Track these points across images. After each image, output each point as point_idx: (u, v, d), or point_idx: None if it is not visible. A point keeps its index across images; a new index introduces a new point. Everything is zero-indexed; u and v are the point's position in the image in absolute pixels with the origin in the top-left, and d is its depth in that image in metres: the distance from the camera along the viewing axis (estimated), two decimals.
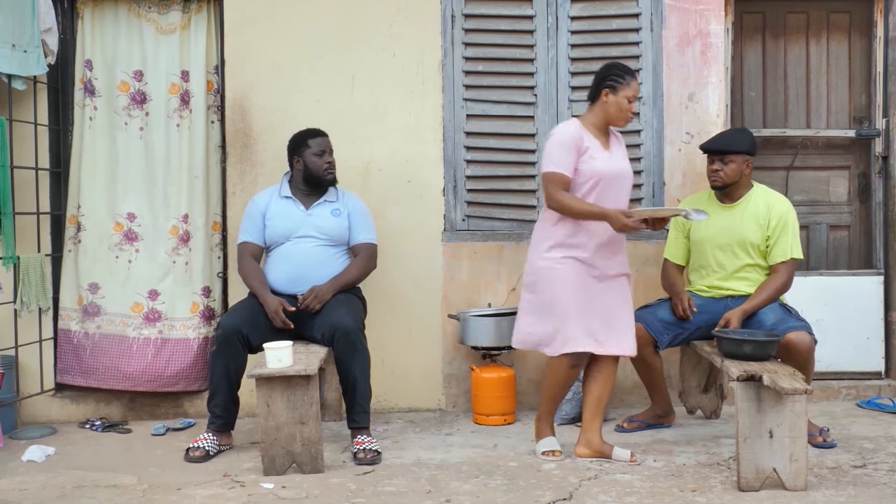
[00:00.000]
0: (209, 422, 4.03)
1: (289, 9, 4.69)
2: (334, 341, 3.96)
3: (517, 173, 4.82)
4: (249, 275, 4.16)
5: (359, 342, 3.96)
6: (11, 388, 4.46)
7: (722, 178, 4.09)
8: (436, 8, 4.72)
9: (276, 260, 4.19)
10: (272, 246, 4.22)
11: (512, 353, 4.66)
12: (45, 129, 4.65)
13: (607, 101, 3.75)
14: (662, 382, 4.29)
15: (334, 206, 4.27)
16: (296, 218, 4.20)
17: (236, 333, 3.92)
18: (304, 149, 4.22)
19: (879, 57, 4.96)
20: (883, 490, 3.44)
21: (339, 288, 4.13)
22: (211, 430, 4.00)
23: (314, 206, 4.24)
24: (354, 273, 4.22)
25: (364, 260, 4.26)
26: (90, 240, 4.64)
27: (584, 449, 3.86)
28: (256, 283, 4.12)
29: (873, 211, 5.03)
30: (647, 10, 4.76)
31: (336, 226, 4.23)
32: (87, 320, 4.62)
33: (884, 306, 4.92)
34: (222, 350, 3.93)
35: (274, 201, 4.24)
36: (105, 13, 4.70)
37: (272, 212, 4.22)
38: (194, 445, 3.94)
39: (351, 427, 4.00)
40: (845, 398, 4.83)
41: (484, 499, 3.40)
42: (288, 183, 4.30)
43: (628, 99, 3.74)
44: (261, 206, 4.25)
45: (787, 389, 3.27)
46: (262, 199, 4.28)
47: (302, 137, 4.25)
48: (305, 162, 4.21)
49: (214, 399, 3.99)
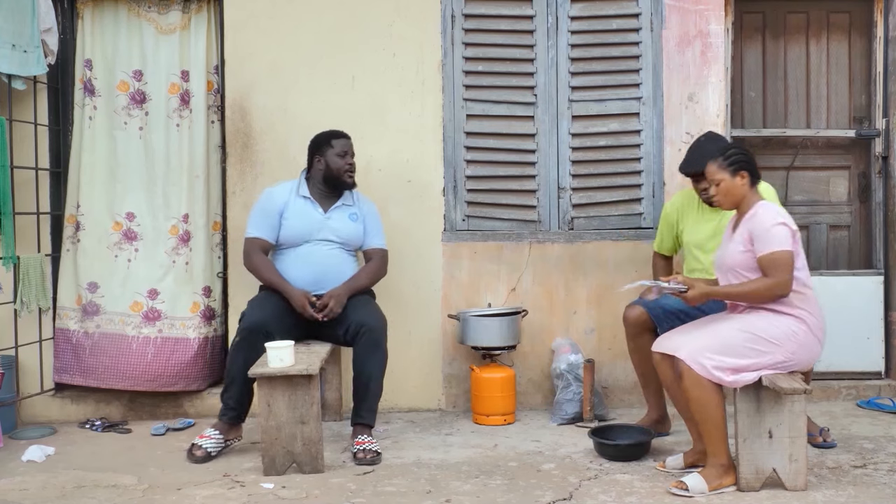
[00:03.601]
0: (221, 413, 4.00)
1: (289, 9, 4.69)
2: (357, 338, 3.98)
3: (517, 173, 4.82)
4: (264, 269, 4.13)
5: (382, 341, 4.01)
6: (11, 388, 4.46)
7: (718, 200, 4.03)
8: (436, 8, 4.72)
9: (293, 261, 4.16)
10: (285, 245, 4.19)
11: (512, 353, 4.66)
12: (45, 129, 4.65)
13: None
14: (658, 379, 4.17)
15: (352, 211, 4.26)
16: (315, 220, 4.17)
17: (262, 328, 3.89)
18: (327, 148, 4.19)
19: (879, 57, 4.96)
20: (883, 490, 3.44)
21: (353, 292, 4.13)
22: (221, 423, 3.97)
23: (332, 209, 4.22)
24: (366, 279, 4.22)
25: (376, 266, 4.28)
26: (89, 239, 4.64)
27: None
28: (275, 277, 4.10)
29: (873, 211, 5.03)
30: (647, 10, 4.76)
31: (353, 231, 4.23)
32: (86, 319, 4.62)
33: (884, 306, 4.93)
34: (244, 344, 3.90)
35: (292, 200, 4.20)
36: (105, 13, 4.70)
37: (290, 211, 4.17)
38: (197, 444, 3.92)
39: (355, 423, 4.00)
40: (845, 398, 4.83)
41: (484, 499, 3.40)
42: (306, 182, 4.26)
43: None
44: (278, 203, 4.19)
45: (786, 389, 3.27)
46: (279, 196, 4.21)
47: (326, 137, 4.23)
48: (327, 161, 4.18)
49: (229, 391, 3.97)
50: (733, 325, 3.48)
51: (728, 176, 3.55)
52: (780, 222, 3.44)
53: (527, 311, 4.67)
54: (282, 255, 4.21)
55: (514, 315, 4.57)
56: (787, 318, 3.46)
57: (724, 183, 3.56)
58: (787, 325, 3.45)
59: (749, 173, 3.56)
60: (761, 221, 3.46)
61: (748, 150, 3.69)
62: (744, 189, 3.55)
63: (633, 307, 4.10)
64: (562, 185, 4.80)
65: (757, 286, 3.45)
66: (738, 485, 3.44)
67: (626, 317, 4.12)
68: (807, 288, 3.53)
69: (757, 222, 3.46)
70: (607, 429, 4.07)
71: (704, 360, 3.37)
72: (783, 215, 3.51)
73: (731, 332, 3.44)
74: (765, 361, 3.41)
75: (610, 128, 4.80)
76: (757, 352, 3.40)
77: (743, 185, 3.55)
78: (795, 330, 3.46)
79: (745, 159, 3.57)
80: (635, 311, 4.07)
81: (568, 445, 4.07)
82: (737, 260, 3.51)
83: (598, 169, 4.82)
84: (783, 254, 3.41)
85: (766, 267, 3.42)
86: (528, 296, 4.77)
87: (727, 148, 3.67)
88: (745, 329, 3.44)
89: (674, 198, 4.39)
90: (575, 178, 4.80)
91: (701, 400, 3.40)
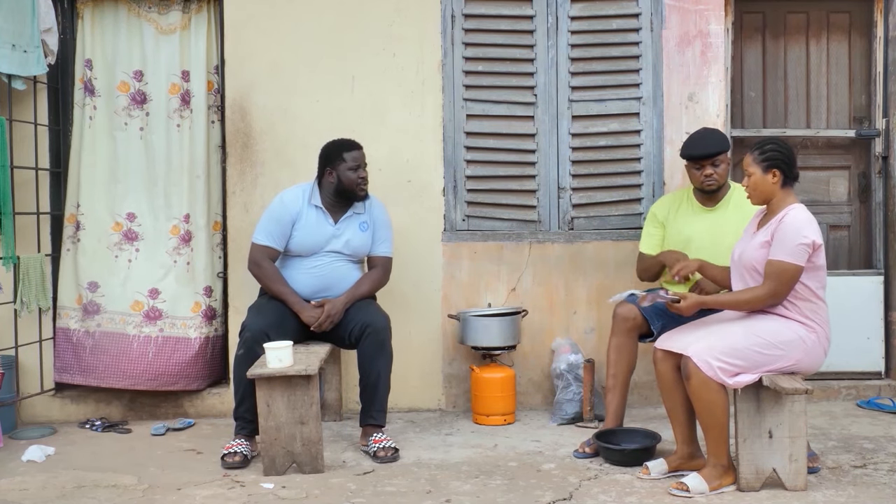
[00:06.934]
0: (239, 428, 3.92)
1: (289, 9, 4.69)
2: (363, 338, 3.97)
3: (517, 173, 4.82)
4: (274, 280, 4.09)
5: (387, 341, 4.01)
6: (11, 388, 4.46)
7: (717, 181, 4.01)
8: (436, 8, 4.72)
9: (298, 270, 4.14)
10: (292, 254, 4.16)
11: (512, 353, 4.66)
12: (45, 129, 4.65)
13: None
14: (624, 384, 4.06)
15: (362, 220, 4.21)
16: (325, 234, 4.13)
17: (263, 337, 3.85)
18: (339, 163, 4.10)
19: (879, 57, 4.96)
20: (883, 490, 3.44)
21: (353, 301, 4.12)
22: (241, 437, 3.90)
23: (343, 219, 4.17)
24: (368, 288, 4.21)
25: (379, 274, 4.26)
26: (89, 239, 4.64)
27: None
28: (286, 290, 4.08)
29: (873, 211, 5.03)
30: (647, 10, 4.76)
31: (362, 241, 4.21)
32: (87, 319, 4.62)
33: (884, 306, 4.93)
34: (249, 355, 3.84)
35: (305, 210, 4.13)
36: (105, 13, 4.69)
37: (302, 222, 4.12)
38: (231, 451, 3.83)
39: (366, 424, 4.00)
40: (845, 398, 4.83)
41: (484, 499, 3.40)
42: (318, 188, 4.19)
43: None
44: (292, 213, 4.12)
45: (787, 389, 3.27)
46: (292, 204, 4.14)
47: (338, 150, 4.13)
48: (339, 175, 4.10)
49: (244, 404, 3.88)
50: (742, 327, 3.44)
51: (759, 171, 3.46)
52: (802, 235, 3.36)
53: (527, 311, 4.67)
54: (288, 262, 4.18)
55: (514, 315, 4.57)
56: (797, 325, 3.44)
57: (754, 177, 3.47)
58: (796, 331, 3.42)
59: (782, 173, 3.45)
60: (786, 228, 3.38)
61: (788, 148, 3.51)
62: (774, 188, 3.45)
63: (624, 303, 3.99)
64: (562, 185, 4.80)
65: (750, 297, 3.42)
66: (738, 485, 3.44)
67: (616, 313, 4.04)
68: (821, 301, 3.49)
69: (782, 227, 3.39)
70: (610, 433, 3.96)
71: (711, 360, 3.35)
72: (810, 225, 3.40)
73: (739, 335, 3.40)
74: (769, 366, 3.39)
75: (610, 128, 4.80)
76: (763, 356, 3.37)
77: (774, 184, 3.45)
78: (804, 337, 3.43)
79: (781, 157, 3.45)
80: (627, 307, 3.99)
81: (568, 445, 4.07)
82: (757, 257, 3.44)
83: (598, 169, 4.81)
84: (791, 267, 3.36)
85: (769, 273, 3.38)
86: (528, 296, 4.77)
87: (766, 141, 3.53)
88: (753, 332, 3.40)
89: (662, 199, 4.35)
90: (575, 178, 4.80)
91: (709, 403, 3.37)
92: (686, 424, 3.59)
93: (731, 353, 3.35)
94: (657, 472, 3.61)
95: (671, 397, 3.58)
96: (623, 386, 4.06)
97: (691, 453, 3.61)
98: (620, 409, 4.07)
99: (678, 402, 3.55)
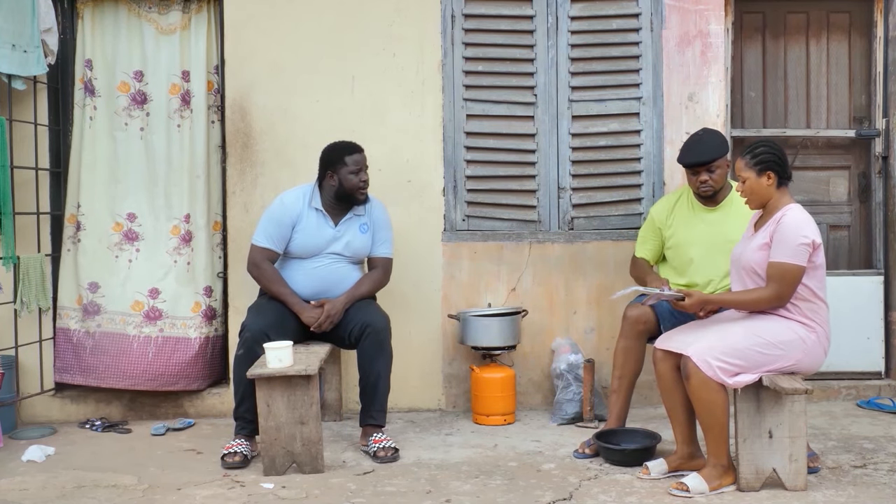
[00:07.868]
0: (239, 428, 3.93)
1: (289, 9, 4.69)
2: (362, 338, 3.98)
3: (517, 173, 4.82)
4: (275, 282, 4.09)
5: (387, 342, 4.01)
6: (11, 388, 4.46)
7: (713, 187, 3.97)
8: (436, 8, 4.72)
9: (297, 272, 4.14)
10: (292, 256, 4.15)
11: (512, 353, 4.66)
12: (45, 129, 4.65)
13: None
14: (629, 387, 4.03)
15: (362, 221, 4.21)
16: (326, 236, 4.13)
17: (263, 337, 3.85)
18: (340, 166, 4.08)
19: (879, 57, 4.96)
20: (883, 490, 3.44)
21: (353, 301, 4.12)
22: (241, 437, 3.91)
23: (343, 221, 4.17)
24: (368, 288, 4.21)
25: (379, 275, 4.26)
26: (89, 239, 4.64)
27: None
28: (286, 291, 4.08)
29: (873, 211, 5.03)
30: (647, 10, 4.76)
31: (363, 243, 4.21)
32: (87, 319, 4.62)
33: (884, 306, 4.93)
34: (249, 355, 3.85)
35: (305, 212, 4.12)
36: (105, 13, 4.69)
37: (303, 224, 4.11)
38: (231, 451, 3.83)
39: (367, 424, 4.01)
40: (845, 398, 4.83)
41: (484, 499, 3.40)
42: (318, 191, 4.18)
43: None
44: (293, 215, 4.11)
45: (787, 389, 3.27)
46: (292, 206, 4.13)
47: (339, 154, 4.11)
48: (340, 179, 4.09)
49: (244, 405, 3.88)
50: (742, 327, 3.44)
51: (754, 175, 3.46)
52: (802, 235, 3.36)
53: (527, 311, 4.68)
54: (287, 264, 4.18)
55: (514, 315, 4.57)
56: (798, 325, 3.43)
57: (749, 181, 3.47)
58: (796, 331, 3.42)
59: (776, 174, 3.45)
60: (785, 229, 3.38)
61: (779, 148, 3.52)
62: (769, 190, 3.46)
63: (636, 305, 3.96)
64: (562, 185, 4.81)
65: (755, 297, 3.42)
66: (738, 485, 3.44)
67: (627, 315, 3.97)
68: (822, 301, 3.49)
69: (781, 227, 3.39)
70: (610, 433, 3.96)
71: (711, 360, 3.34)
72: (809, 225, 3.41)
73: (739, 335, 3.39)
74: (769, 366, 3.39)
75: (610, 128, 4.80)
76: (763, 356, 3.37)
77: (769, 186, 3.45)
78: (804, 337, 3.42)
79: (773, 159, 3.45)
80: (639, 310, 3.93)
81: (568, 445, 4.07)
82: (755, 259, 3.45)
83: (598, 169, 4.82)
84: (793, 268, 3.36)
85: (772, 275, 3.38)
86: (528, 296, 4.77)
87: (757, 145, 3.52)
88: (753, 332, 3.40)
89: (661, 201, 4.32)
90: (575, 178, 4.80)
91: (709, 403, 3.37)
92: (686, 424, 3.59)
93: (730, 353, 3.35)
94: (657, 472, 3.60)
95: (671, 397, 3.58)
96: (628, 389, 4.03)
97: (691, 453, 3.61)
98: (623, 411, 4.05)
99: (678, 401, 3.55)
